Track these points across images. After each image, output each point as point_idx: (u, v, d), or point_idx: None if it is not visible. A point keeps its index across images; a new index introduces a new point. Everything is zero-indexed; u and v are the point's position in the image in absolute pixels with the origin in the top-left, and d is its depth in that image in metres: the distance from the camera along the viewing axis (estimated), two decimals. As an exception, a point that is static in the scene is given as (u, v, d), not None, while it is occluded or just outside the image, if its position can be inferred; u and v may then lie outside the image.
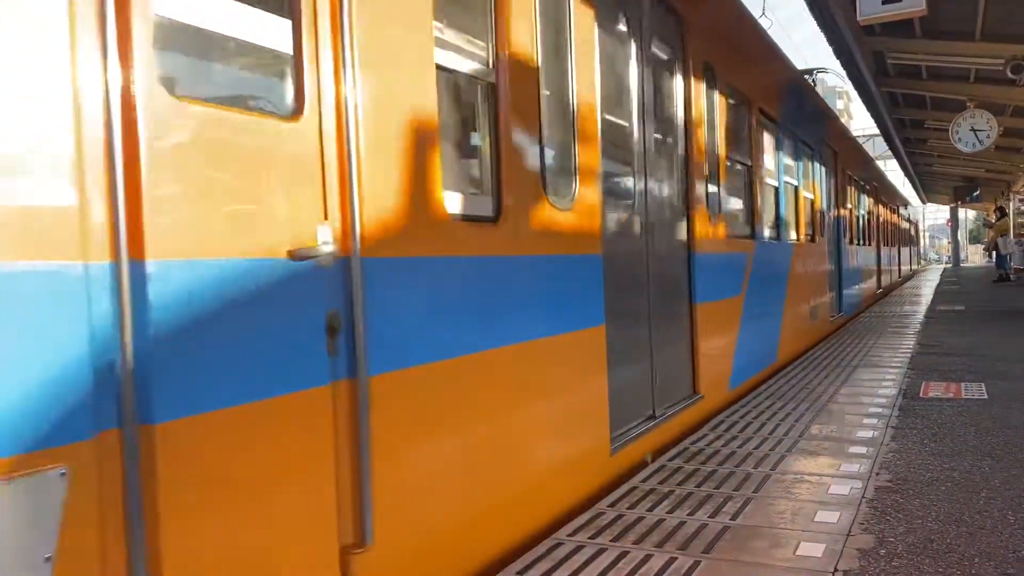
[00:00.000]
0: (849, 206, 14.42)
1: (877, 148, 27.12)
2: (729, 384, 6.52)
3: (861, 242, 16.19)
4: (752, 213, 7.61)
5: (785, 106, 9.12)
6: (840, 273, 12.78)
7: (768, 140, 8.59)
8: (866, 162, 17.56)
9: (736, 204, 7.35)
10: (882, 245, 20.45)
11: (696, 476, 4.29)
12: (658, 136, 5.32)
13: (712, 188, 6.25)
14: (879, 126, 17.64)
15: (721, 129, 6.55)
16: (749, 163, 7.59)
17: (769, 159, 8.59)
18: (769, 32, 8.86)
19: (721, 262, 6.44)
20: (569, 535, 3.47)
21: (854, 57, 11.55)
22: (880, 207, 20.34)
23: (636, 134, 4.94)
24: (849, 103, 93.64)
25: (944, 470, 4.24)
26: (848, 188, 14.41)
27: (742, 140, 7.48)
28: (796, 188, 9.85)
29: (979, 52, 11.32)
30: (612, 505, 3.85)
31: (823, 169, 11.74)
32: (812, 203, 10.86)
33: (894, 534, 3.33)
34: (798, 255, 9.64)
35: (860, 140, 19.31)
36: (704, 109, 6.07)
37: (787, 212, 9.23)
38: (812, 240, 10.71)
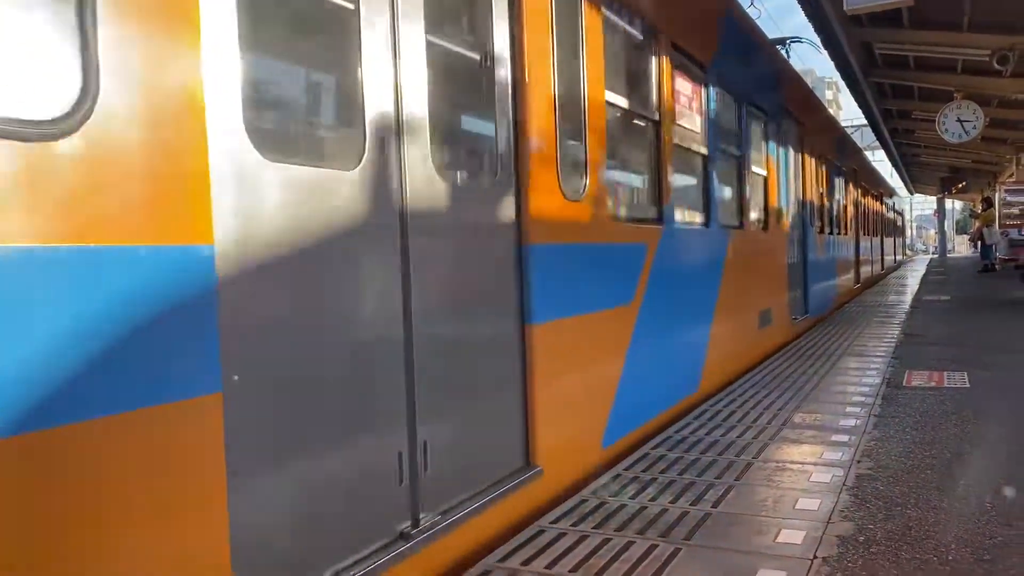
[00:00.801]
0: (820, 190, 12.48)
1: (865, 138, 27.27)
2: (603, 440, 4.55)
3: (836, 231, 14.28)
4: (659, 187, 5.51)
5: (718, 49, 6.89)
6: (806, 267, 10.85)
7: (689, 91, 6.35)
8: (842, 140, 15.81)
9: (625, 174, 5.49)
10: (862, 235, 19.03)
11: (679, 464, 4.32)
12: (445, 45, 3.45)
13: (573, 146, 4.32)
14: (867, 116, 17.73)
15: (592, 62, 4.44)
16: (655, 118, 5.50)
17: (689, 117, 6.34)
18: (758, 22, 8.55)
19: (589, 256, 4.48)
20: (551, 522, 3.48)
21: (842, 47, 11.58)
22: (860, 193, 18.84)
23: (368, 21, 2.88)
24: (837, 93, 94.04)
25: (924, 458, 4.28)
26: (819, 169, 12.38)
27: (638, 85, 5.40)
28: (739, 161, 7.71)
29: (966, 43, 11.39)
30: (595, 492, 3.87)
31: (783, 143, 9.69)
32: (765, 182, 8.70)
33: (873, 521, 3.37)
34: (739, 246, 7.55)
35: (848, 131, 19.29)
36: (552, 21, 4.02)
37: (721, 190, 7.11)
38: (764, 228, 8.71)
